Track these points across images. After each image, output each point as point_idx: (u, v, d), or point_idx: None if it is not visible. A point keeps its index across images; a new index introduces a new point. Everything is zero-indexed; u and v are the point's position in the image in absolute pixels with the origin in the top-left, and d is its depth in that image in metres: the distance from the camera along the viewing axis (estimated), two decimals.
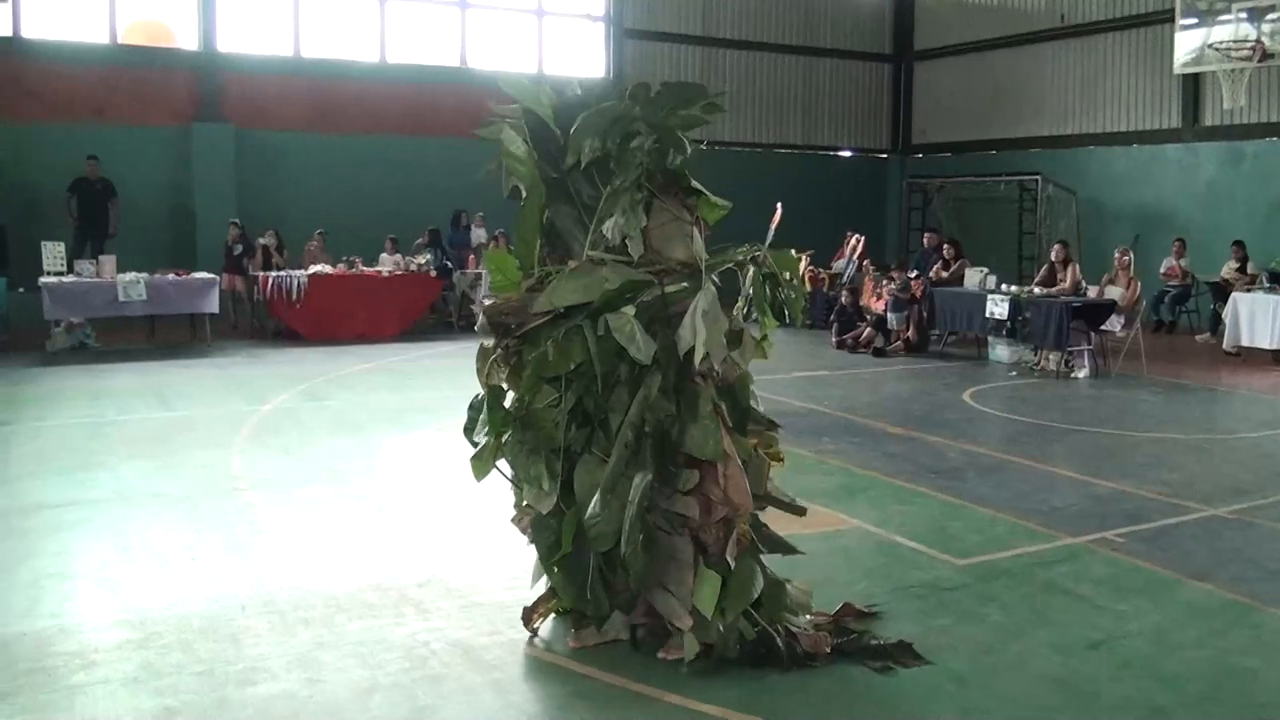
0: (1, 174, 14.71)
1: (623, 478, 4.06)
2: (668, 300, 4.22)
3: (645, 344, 4.03)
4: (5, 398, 10.05)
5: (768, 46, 21.21)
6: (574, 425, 4.24)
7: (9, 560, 5.56)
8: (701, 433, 4.10)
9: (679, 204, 4.41)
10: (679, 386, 4.17)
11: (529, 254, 4.46)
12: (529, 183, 4.44)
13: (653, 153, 4.28)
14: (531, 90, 4.45)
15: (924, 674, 4.20)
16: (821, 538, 5.92)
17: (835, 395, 10.51)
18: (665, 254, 4.31)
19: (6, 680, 4.15)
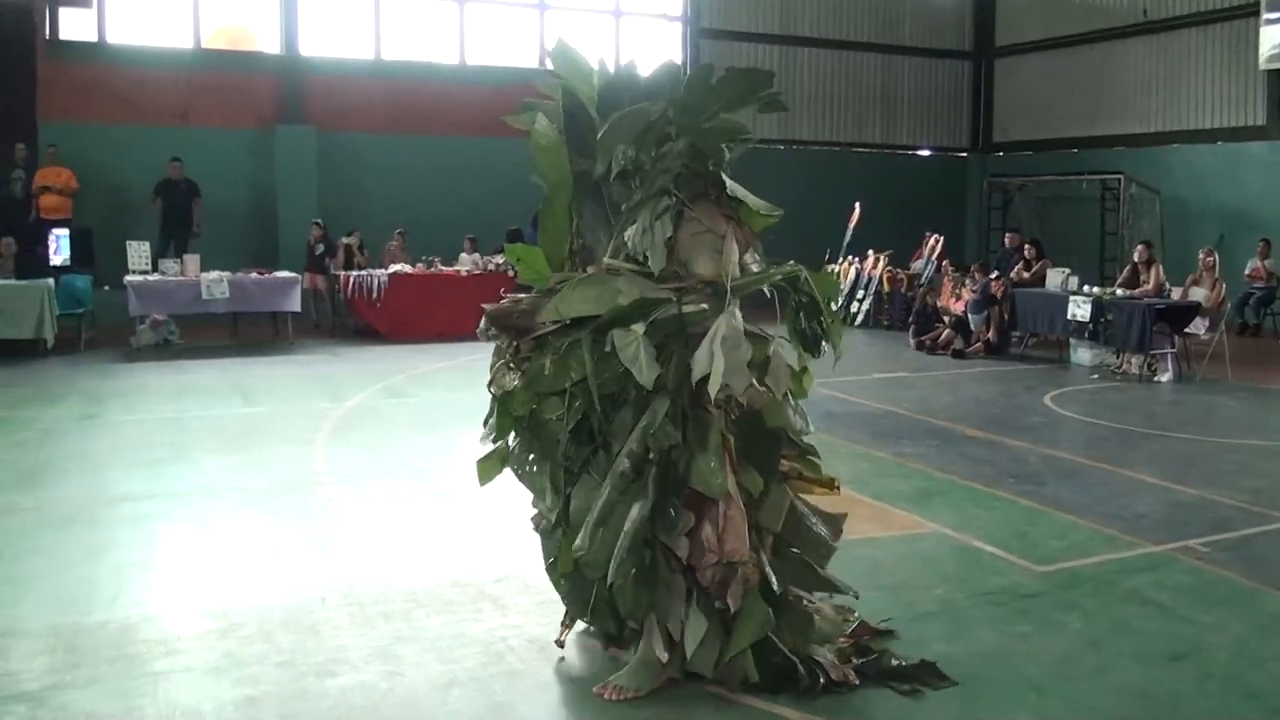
0: (88, 176, 15.02)
1: (619, 506, 3.82)
2: (685, 320, 3.86)
3: (649, 367, 3.70)
4: (92, 392, 10.30)
5: (846, 44, 21.03)
6: (575, 443, 4.00)
7: (95, 549, 5.70)
8: (707, 468, 3.76)
9: (716, 213, 4.03)
10: (689, 415, 3.84)
11: (558, 251, 4.26)
12: (557, 175, 4.21)
13: (686, 156, 3.98)
14: (579, 67, 4.23)
15: (1003, 682, 4.13)
16: (900, 541, 5.88)
17: (914, 397, 10.41)
18: (691, 269, 3.97)
19: (91, 666, 4.26)
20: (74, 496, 6.76)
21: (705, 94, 4.01)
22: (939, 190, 21.80)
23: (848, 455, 7.82)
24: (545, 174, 4.26)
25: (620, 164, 3.99)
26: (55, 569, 5.39)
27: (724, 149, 4.08)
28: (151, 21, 16.47)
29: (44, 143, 15.20)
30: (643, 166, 4.04)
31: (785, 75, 20.42)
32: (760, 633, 3.86)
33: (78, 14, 16.11)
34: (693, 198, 3.98)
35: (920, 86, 21.98)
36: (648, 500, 3.76)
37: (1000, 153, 22.22)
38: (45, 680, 4.13)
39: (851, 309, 16.80)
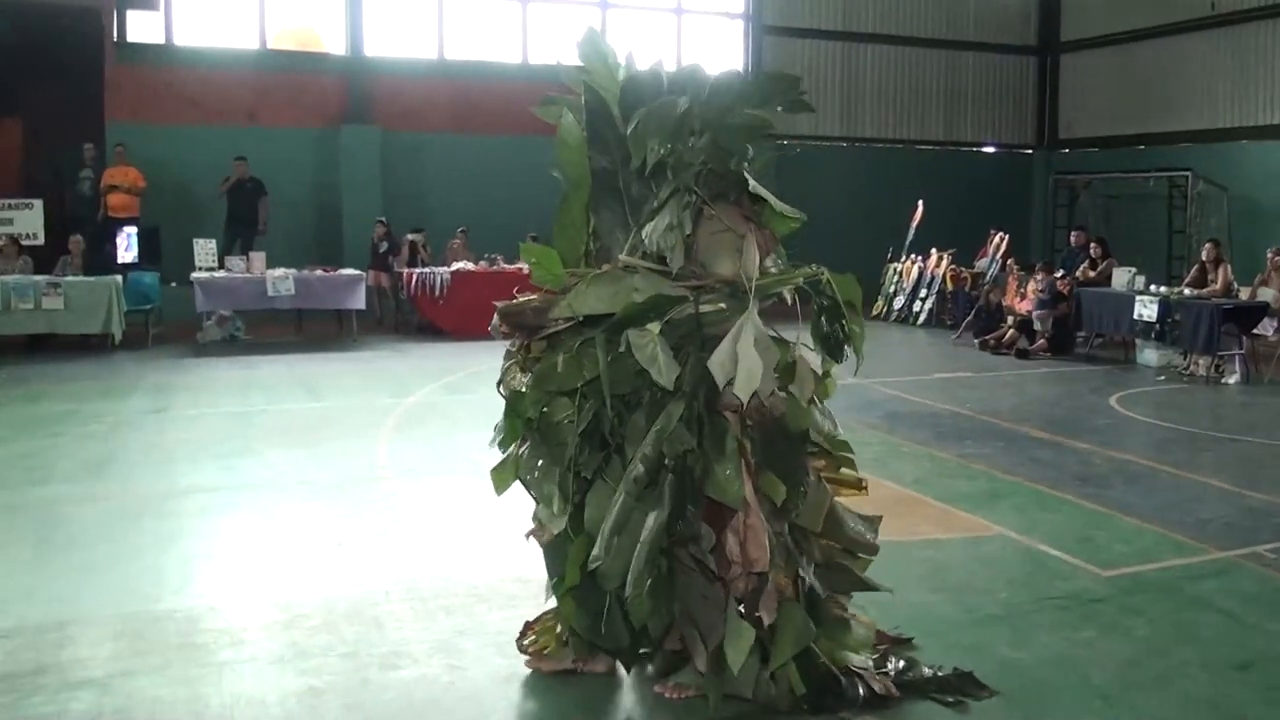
0: (155, 175, 15.26)
1: (635, 513, 3.69)
2: (702, 320, 3.75)
3: (668, 367, 3.57)
4: (159, 386, 10.48)
5: (909, 40, 20.82)
6: (588, 447, 3.85)
7: (163, 540, 5.81)
8: (724, 475, 3.62)
9: (737, 213, 3.91)
10: (705, 419, 3.71)
11: (574, 251, 4.11)
12: (577, 172, 4.09)
13: (709, 153, 3.86)
14: (605, 61, 4.10)
15: (1067, 689, 4.08)
16: (964, 544, 5.83)
17: (977, 397, 10.30)
18: (710, 268, 3.84)
19: (158, 654, 4.33)
20: (142, 488, 6.88)
21: (731, 93, 3.91)
22: (1003, 187, 21.51)
23: (911, 456, 7.76)
24: (566, 171, 4.16)
25: (655, 158, 3.87)
26: (123, 558, 5.50)
27: (748, 146, 3.98)
28: (218, 23, 16.71)
29: (112, 143, 15.47)
30: (672, 161, 3.92)
31: (848, 72, 20.33)
32: (802, 643, 3.73)
33: (145, 17, 16.39)
34: (713, 197, 3.87)
35: (984, 82, 21.72)
36: (664, 508, 3.63)
37: (1065, 149, 21.90)
38: (112, 667, 4.21)
39: (914, 308, 16.67)
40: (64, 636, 4.51)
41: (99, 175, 15.07)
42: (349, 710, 3.85)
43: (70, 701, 3.92)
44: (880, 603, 4.84)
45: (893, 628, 4.45)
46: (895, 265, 17.31)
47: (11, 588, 5.10)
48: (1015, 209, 21.22)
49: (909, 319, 16.60)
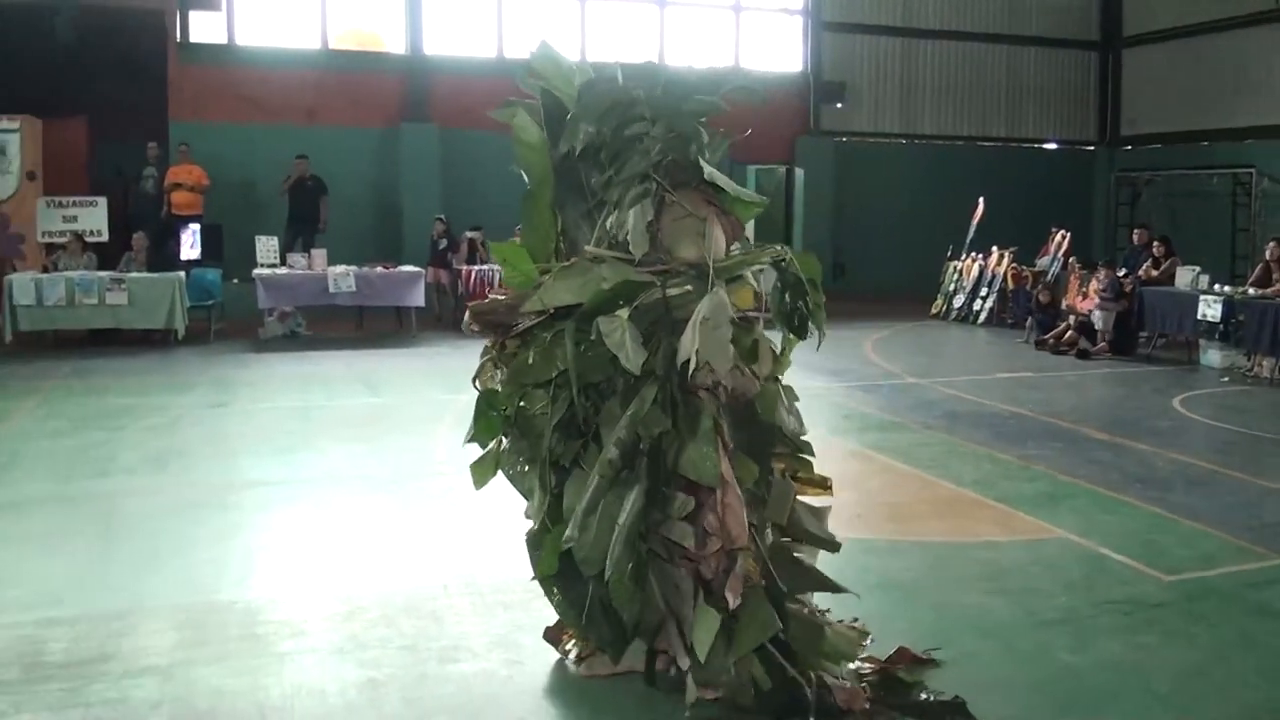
0: (218, 173, 15.46)
1: (609, 497, 3.70)
2: (670, 304, 3.77)
3: (635, 352, 3.58)
4: (221, 381, 10.61)
5: (970, 36, 20.58)
6: (563, 436, 3.89)
7: (224, 532, 5.89)
8: (698, 454, 3.61)
9: (700, 199, 3.93)
10: (679, 400, 3.71)
11: (543, 247, 4.16)
12: (539, 172, 4.15)
13: (666, 142, 3.89)
14: (560, 68, 4.13)
15: (1127, 695, 4.03)
16: (1024, 546, 5.76)
17: (1038, 398, 10.18)
18: (675, 253, 3.88)
19: (219, 644, 4.40)
20: (203, 481, 6.98)
21: (686, 85, 3.97)
22: (1065, 185, 21.20)
23: (970, 456, 7.69)
24: (528, 170, 4.19)
25: (584, 142, 3.91)
26: (185, 550, 5.59)
27: (701, 130, 3.99)
28: (279, 24, 16.91)
29: (175, 142, 15.70)
30: (606, 144, 3.95)
31: (908, 68, 20.16)
32: (766, 633, 3.66)
33: (208, 18, 16.62)
34: (675, 184, 3.91)
35: (1046, 78, 21.42)
36: (640, 490, 3.64)
37: (1128, 146, 21.54)
38: (174, 656, 4.29)
39: (974, 307, 16.51)
40: (126, 625, 4.60)
41: (163, 173, 15.31)
42: (408, 703, 3.89)
43: (132, 689, 3.99)
44: (940, 605, 4.83)
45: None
46: (955, 263, 17.14)
47: (75, 577, 5.20)
48: (1077, 206, 20.91)
49: (969, 318, 16.43)
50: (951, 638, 4.46)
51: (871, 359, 12.49)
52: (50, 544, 5.76)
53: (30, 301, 12.73)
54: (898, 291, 18.40)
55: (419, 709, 3.85)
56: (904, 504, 6.54)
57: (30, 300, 12.73)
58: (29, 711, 3.83)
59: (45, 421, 8.73)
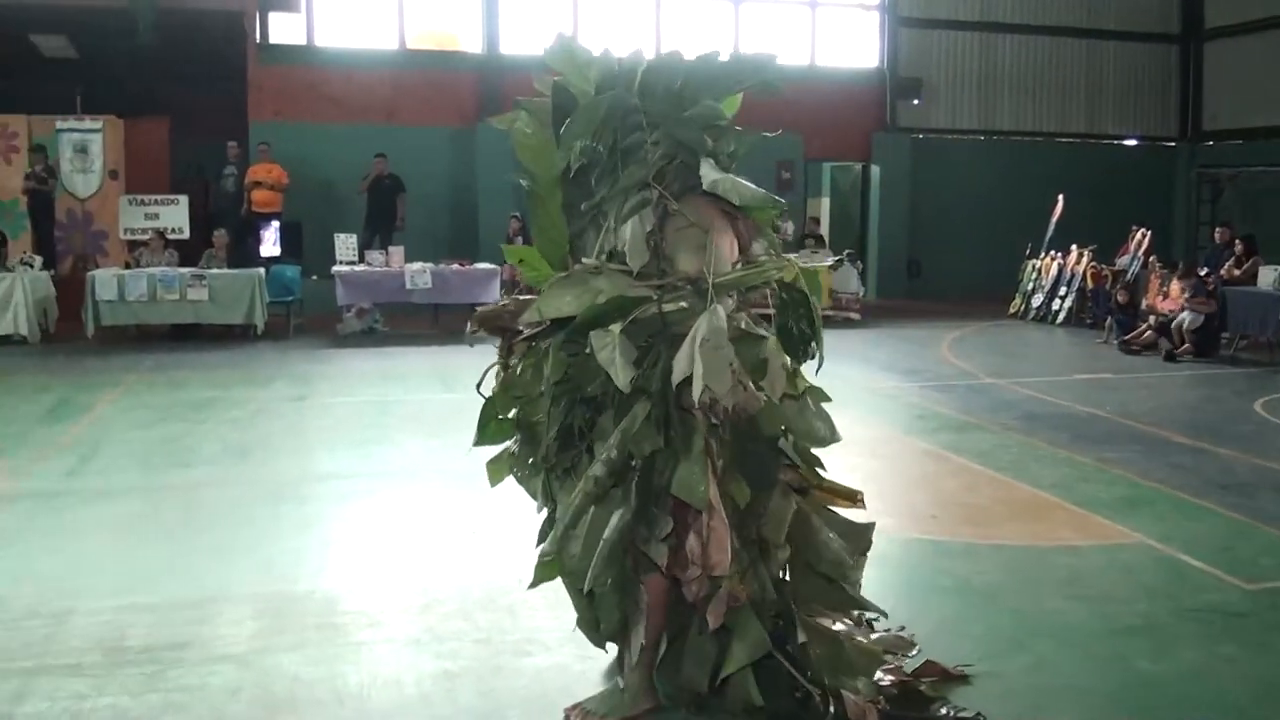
0: (297, 172, 15.70)
1: (597, 511, 3.59)
2: (668, 319, 3.56)
3: (624, 370, 3.40)
4: (300, 375, 10.78)
5: (1049, 30, 20.24)
6: (561, 445, 3.78)
7: (303, 523, 5.99)
8: (689, 474, 3.43)
9: (711, 206, 3.68)
10: (672, 418, 3.53)
11: (556, 251, 4.00)
12: (549, 173, 3.95)
13: (669, 147, 3.70)
14: (577, 61, 3.94)
15: (1207, 705, 3.94)
16: (1102, 551, 5.67)
17: (1117, 400, 10.00)
18: (676, 266, 3.65)
19: (297, 633, 4.47)
20: (283, 473, 7.09)
21: (659, 96, 3.74)
22: (1145, 182, 20.75)
23: (1049, 459, 7.58)
24: (535, 173, 4.03)
25: (579, 159, 3.74)
26: (264, 540, 5.68)
27: (705, 139, 3.74)
28: (358, 24, 17.14)
29: (255, 141, 15.99)
30: (600, 160, 3.78)
31: (986, 63, 19.91)
32: (755, 653, 3.51)
33: (287, 19, 16.92)
34: (682, 191, 3.69)
35: (1125, 72, 21.00)
36: (629, 507, 3.51)
37: (1210, 142, 21.06)
38: (252, 644, 4.36)
39: (1053, 306, 16.27)
40: (206, 613, 4.68)
41: (243, 172, 15.59)
42: (483, 695, 3.92)
43: (211, 675, 4.07)
44: (1017, 611, 4.77)
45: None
46: (1034, 262, 16.89)
47: (155, 564, 5.32)
48: (1157, 204, 20.48)
49: (1047, 317, 16.19)
50: (1028, 643, 4.41)
51: (948, 359, 12.37)
52: (133, 532, 5.90)
53: (112, 297, 13.05)
54: (975, 290, 18.21)
55: (493, 701, 3.88)
56: (980, 506, 6.46)
57: (113, 296, 13.04)
58: (109, 695, 3.92)
59: (128, 413, 8.93)
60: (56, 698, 3.90)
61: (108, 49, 16.28)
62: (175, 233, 15.00)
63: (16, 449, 7.66)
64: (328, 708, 3.83)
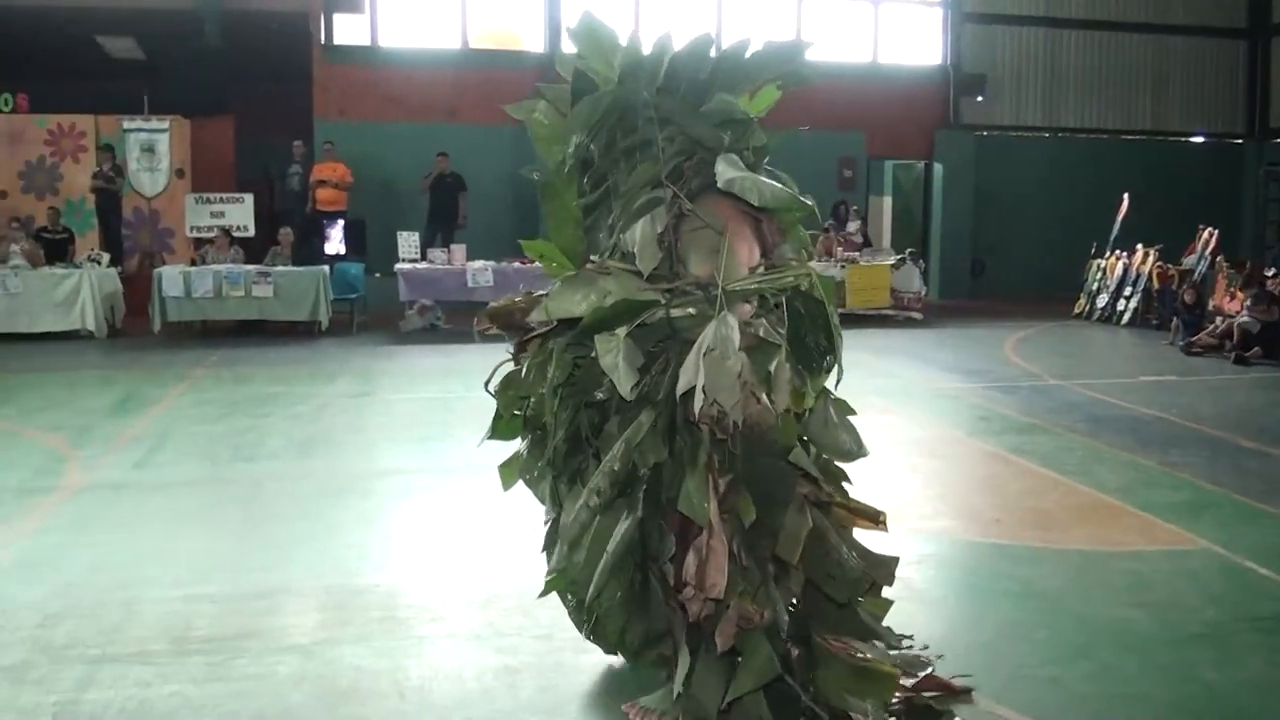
0: (361, 171, 15.85)
1: (602, 521, 3.49)
2: (676, 325, 3.41)
3: (627, 376, 3.28)
4: (363, 371, 10.90)
5: (1114, 25, 19.91)
6: (568, 450, 3.70)
7: (364, 517, 6.07)
8: (695, 489, 3.28)
9: (725, 207, 3.50)
10: (679, 428, 3.41)
11: (573, 246, 3.85)
12: (559, 161, 3.82)
13: (683, 145, 3.58)
14: (602, 45, 3.78)
15: (1272, 717, 3.88)
16: (1165, 556, 5.58)
17: (1183, 403, 9.83)
18: (688, 269, 3.50)
19: (360, 625, 4.54)
20: (346, 467, 7.17)
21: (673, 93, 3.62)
22: (1212, 180, 20.37)
23: (1113, 462, 7.48)
24: (550, 163, 3.89)
25: (574, 157, 3.66)
26: (328, 533, 5.76)
27: (722, 136, 3.58)
28: (420, 25, 17.27)
29: (320, 140, 16.18)
30: (592, 159, 3.68)
31: (1050, 60, 19.64)
32: (763, 678, 3.33)
33: (351, 20, 17.09)
34: (700, 190, 3.54)
35: (1192, 68, 20.60)
36: (635, 520, 3.42)
37: (1278, 139, 20.68)
38: (316, 635, 4.43)
39: (1118, 306, 16.04)
40: (270, 604, 4.76)
41: (307, 171, 15.79)
42: (543, 691, 3.95)
43: (275, 665, 4.14)
44: (1081, 616, 4.72)
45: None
46: (1099, 261, 16.65)
47: (221, 556, 5.42)
48: (1224, 202, 20.05)
49: (1113, 318, 15.94)
50: (1091, 650, 4.35)
51: (1011, 359, 12.24)
52: (198, 524, 6.01)
53: (179, 293, 13.28)
54: (1038, 290, 18.01)
55: (553, 697, 3.91)
56: (1044, 510, 6.39)
57: (179, 292, 13.27)
58: (174, 683, 4.00)
59: (194, 407, 9.08)
60: (121, 685, 3.99)
61: (174, 50, 16.55)
62: (241, 230, 15.22)
63: (86, 441, 7.82)
64: (389, 700, 3.88)
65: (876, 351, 12.41)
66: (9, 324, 13.19)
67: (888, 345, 12.98)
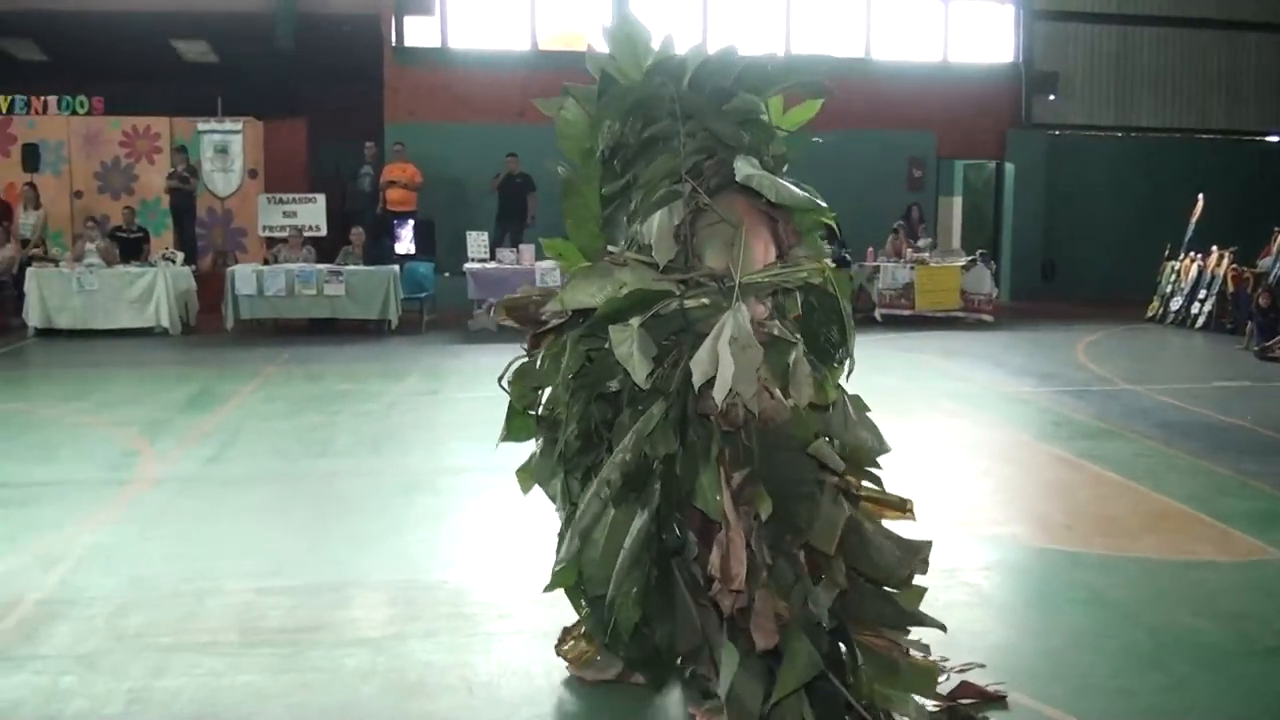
0: (431, 171, 15.99)
1: (617, 515, 3.47)
2: (691, 317, 3.44)
3: (641, 365, 3.28)
4: (432, 370, 11.01)
5: (1189, 22, 19.43)
6: (581, 445, 3.71)
7: (434, 514, 6.14)
8: (708, 484, 3.30)
9: (744, 203, 3.54)
10: (691, 420, 3.41)
11: (592, 243, 3.91)
12: (584, 162, 3.89)
13: (704, 142, 3.61)
14: (634, 46, 3.83)
15: None
16: (1240, 567, 5.47)
17: (1258, 409, 9.59)
18: (703, 261, 3.54)
19: (429, 621, 4.60)
20: (416, 465, 7.25)
21: (726, 75, 3.67)
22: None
23: (1186, 469, 7.35)
24: (574, 161, 3.95)
25: (607, 142, 3.70)
26: (396, 530, 5.83)
27: (742, 133, 3.63)
28: (490, 26, 17.39)
29: (390, 141, 16.36)
30: (625, 145, 3.72)
31: (1124, 57, 19.27)
32: (806, 676, 3.28)
33: (422, 22, 17.26)
34: (719, 187, 3.57)
35: (1268, 66, 19.99)
36: (650, 514, 3.40)
37: None
38: (386, 630, 4.49)
39: (1192, 310, 15.74)
40: (340, 598, 4.84)
41: (378, 171, 15.97)
42: (610, 690, 3.96)
43: (345, 658, 4.21)
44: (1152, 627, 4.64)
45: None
46: (1173, 263, 16.35)
47: (292, 550, 5.51)
48: None
49: (1186, 321, 15.64)
50: (1164, 662, 4.28)
51: (1083, 363, 12.07)
52: (270, 518, 6.12)
53: (251, 291, 13.50)
54: (1110, 293, 17.74)
55: (621, 696, 3.92)
56: (1115, 517, 6.29)
57: (251, 290, 13.50)
58: (246, 673, 4.08)
59: (266, 404, 9.24)
60: (194, 674, 4.08)
61: (247, 53, 16.86)
62: (313, 230, 15.46)
63: (161, 436, 7.98)
64: (458, 694, 3.92)
65: (946, 354, 12.31)
66: (86, 320, 13.53)
67: (957, 348, 12.87)
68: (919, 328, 14.68)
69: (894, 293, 15.28)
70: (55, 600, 4.82)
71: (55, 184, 16.27)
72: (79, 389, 9.90)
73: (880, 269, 15.34)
